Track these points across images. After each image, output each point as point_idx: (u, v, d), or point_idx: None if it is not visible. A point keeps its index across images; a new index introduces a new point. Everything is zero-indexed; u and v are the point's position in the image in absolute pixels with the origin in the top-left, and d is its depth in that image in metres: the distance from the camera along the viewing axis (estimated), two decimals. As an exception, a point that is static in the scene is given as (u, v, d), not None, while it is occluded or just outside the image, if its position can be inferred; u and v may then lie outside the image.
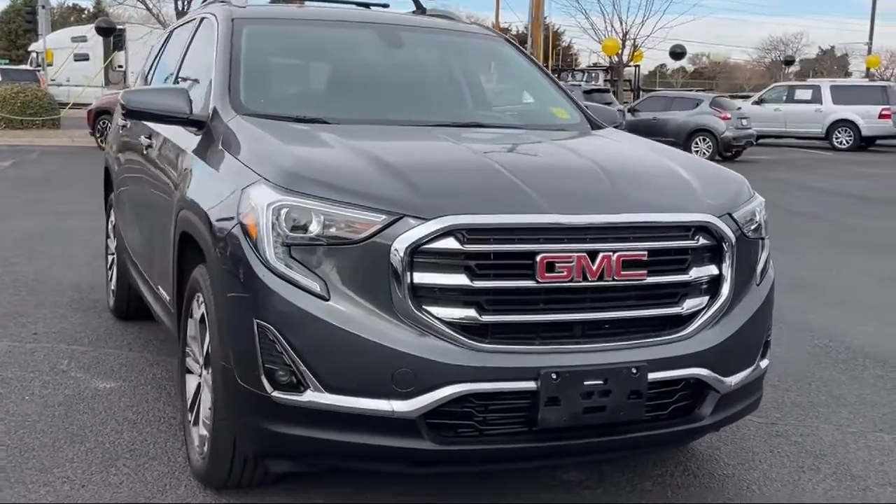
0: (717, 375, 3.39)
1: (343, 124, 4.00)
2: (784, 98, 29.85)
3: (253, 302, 3.15)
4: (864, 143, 28.60)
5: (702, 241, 3.36)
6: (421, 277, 3.05)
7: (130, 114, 4.25)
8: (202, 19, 5.12)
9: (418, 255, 3.04)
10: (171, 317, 4.27)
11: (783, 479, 3.99)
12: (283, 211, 3.13)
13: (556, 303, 3.15)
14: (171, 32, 6.07)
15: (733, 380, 3.46)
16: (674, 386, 3.33)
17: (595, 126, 4.67)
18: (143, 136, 5.05)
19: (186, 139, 4.23)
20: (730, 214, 3.49)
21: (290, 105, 4.25)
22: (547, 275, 3.09)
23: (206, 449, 3.59)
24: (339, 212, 3.10)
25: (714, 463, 4.14)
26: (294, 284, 3.10)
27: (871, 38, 43.44)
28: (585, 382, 3.13)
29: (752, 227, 3.61)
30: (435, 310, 3.06)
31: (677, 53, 35.76)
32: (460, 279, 3.06)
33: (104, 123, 22.57)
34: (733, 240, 3.43)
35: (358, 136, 3.80)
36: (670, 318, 3.33)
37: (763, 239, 3.71)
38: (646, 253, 3.23)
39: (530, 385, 3.09)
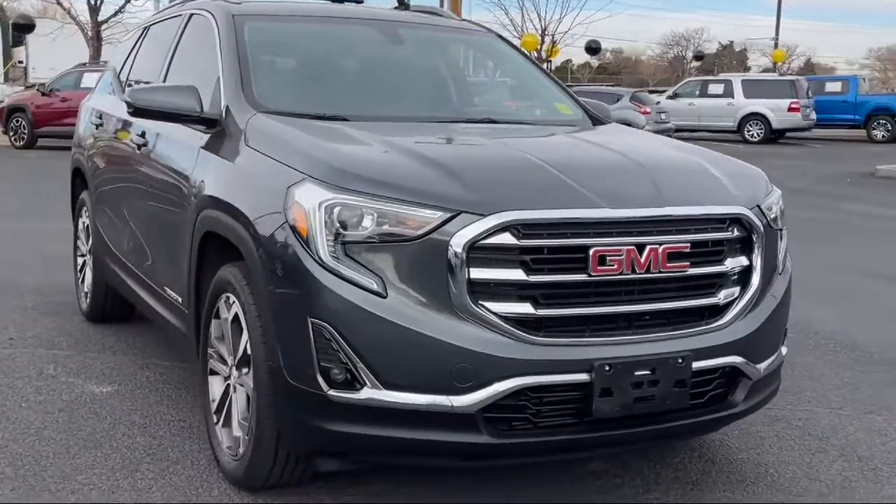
0: (749, 363, 3.49)
1: (364, 121, 3.99)
2: (697, 93, 30.62)
3: (307, 301, 3.13)
4: (775, 136, 29.47)
5: (736, 232, 3.47)
6: (477, 273, 3.07)
7: (138, 112, 4.16)
8: (191, 15, 5.03)
9: (474, 250, 3.06)
10: (183, 318, 4.21)
11: (796, 461, 4.12)
12: (336, 209, 3.13)
13: (607, 295, 3.22)
14: (145, 30, 5.95)
15: (762, 366, 3.57)
16: (711, 374, 3.42)
17: (595, 121, 4.74)
18: (134, 135, 4.94)
19: (194, 137, 4.17)
20: (759, 206, 3.60)
21: (304, 102, 4.21)
22: (599, 268, 3.15)
23: (242, 450, 3.56)
24: (394, 209, 3.11)
25: (726, 448, 4.25)
26: (350, 282, 3.09)
27: (777, 33, 44.78)
28: (636, 373, 3.19)
29: (773, 218, 3.72)
30: (491, 304, 3.09)
31: (593, 49, 36.29)
32: (517, 274, 3.09)
33: (18, 121, 22.01)
34: (762, 230, 3.54)
35: (387, 132, 3.79)
36: (709, 308, 3.42)
37: (781, 230, 3.82)
38: (688, 245, 3.31)
39: (584, 377, 3.14)
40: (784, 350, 3.83)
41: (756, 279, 3.52)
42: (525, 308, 3.11)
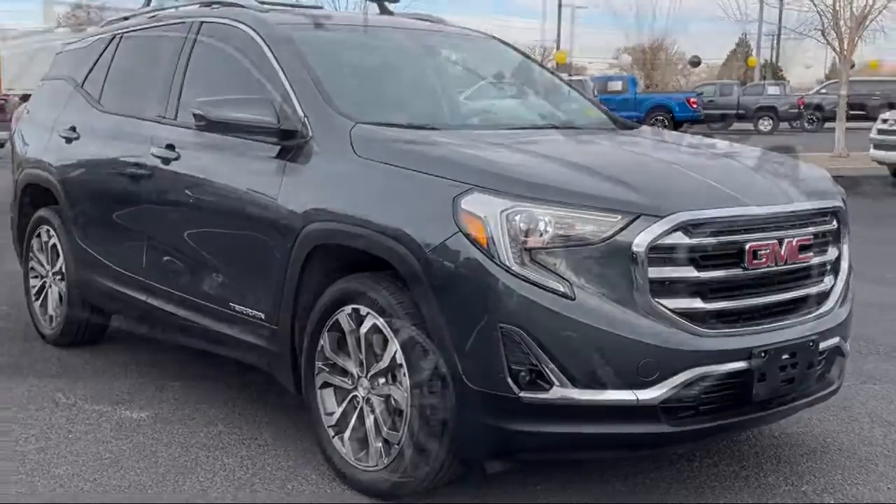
0: (845, 343, 3.86)
1: (452, 129, 4.07)
2: (495, 93, 31.59)
3: (495, 307, 3.21)
4: (569, 133, 30.82)
5: (834, 224, 3.81)
6: (654, 272, 3.26)
7: (211, 126, 4.05)
8: (201, 24, 4.89)
9: (652, 251, 3.25)
10: (267, 334, 4.10)
11: (841, 430, 4.52)
12: (517, 217, 3.23)
13: (757, 287, 3.48)
14: (117, 38, 5.66)
15: (848, 345, 3.95)
16: (822, 354, 3.74)
17: (622, 125, 4.98)
18: (155, 148, 4.74)
19: (263, 150, 4.10)
20: (843, 199, 3.96)
21: (386, 112, 4.21)
22: (753, 262, 3.41)
23: (388, 460, 3.56)
24: (574, 214, 3.24)
25: (775, 424, 4.58)
26: (539, 286, 3.20)
27: (558, 35, 47.01)
28: (782, 357, 3.47)
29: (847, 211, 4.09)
30: (666, 301, 3.28)
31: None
32: (689, 271, 3.30)
33: None
34: (847, 222, 3.91)
35: (501, 140, 3.90)
36: (821, 295, 3.74)
37: (845, 222, 4.20)
38: (811, 237, 3.63)
39: (742, 364, 3.38)
40: (850, 330, 4.21)
41: (845, 266, 3.89)
42: (695, 303, 3.33)
